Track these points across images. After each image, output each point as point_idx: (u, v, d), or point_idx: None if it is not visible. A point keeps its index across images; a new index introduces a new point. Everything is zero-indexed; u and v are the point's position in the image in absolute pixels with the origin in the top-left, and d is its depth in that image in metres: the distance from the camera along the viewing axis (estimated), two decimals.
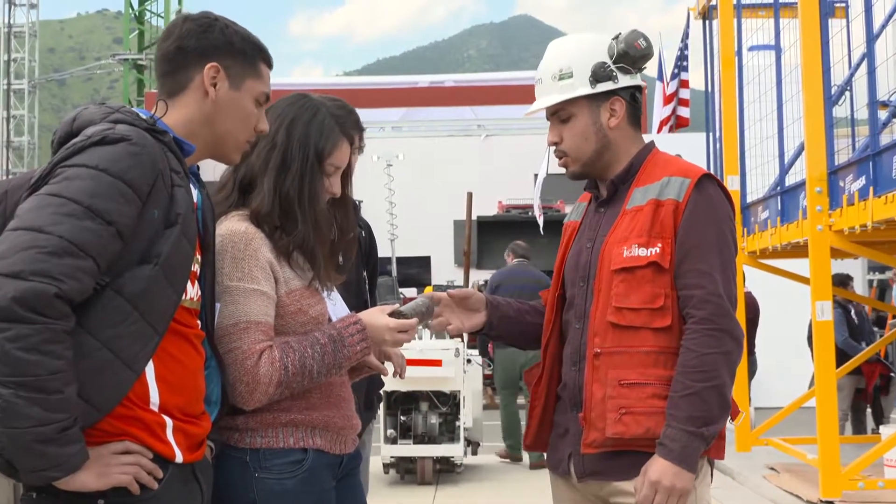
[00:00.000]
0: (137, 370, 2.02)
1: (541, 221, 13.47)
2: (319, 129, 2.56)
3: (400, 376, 2.87)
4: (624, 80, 2.69)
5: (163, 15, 28.85)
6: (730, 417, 2.63)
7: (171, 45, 2.26)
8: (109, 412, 1.99)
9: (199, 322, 2.26)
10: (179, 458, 2.11)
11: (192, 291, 2.20)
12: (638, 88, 2.75)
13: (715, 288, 2.52)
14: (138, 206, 2.01)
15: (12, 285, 1.83)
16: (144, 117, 2.16)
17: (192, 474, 2.18)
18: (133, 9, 28.77)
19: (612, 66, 2.68)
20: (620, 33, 2.72)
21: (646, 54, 2.69)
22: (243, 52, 2.30)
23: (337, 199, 2.63)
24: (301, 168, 2.52)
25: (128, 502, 2.01)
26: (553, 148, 2.79)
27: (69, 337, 1.89)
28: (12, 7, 29.25)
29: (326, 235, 2.57)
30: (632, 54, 2.67)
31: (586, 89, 2.68)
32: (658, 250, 2.55)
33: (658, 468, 2.45)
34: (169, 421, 2.10)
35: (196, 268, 2.21)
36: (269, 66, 2.39)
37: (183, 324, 2.16)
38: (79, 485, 1.94)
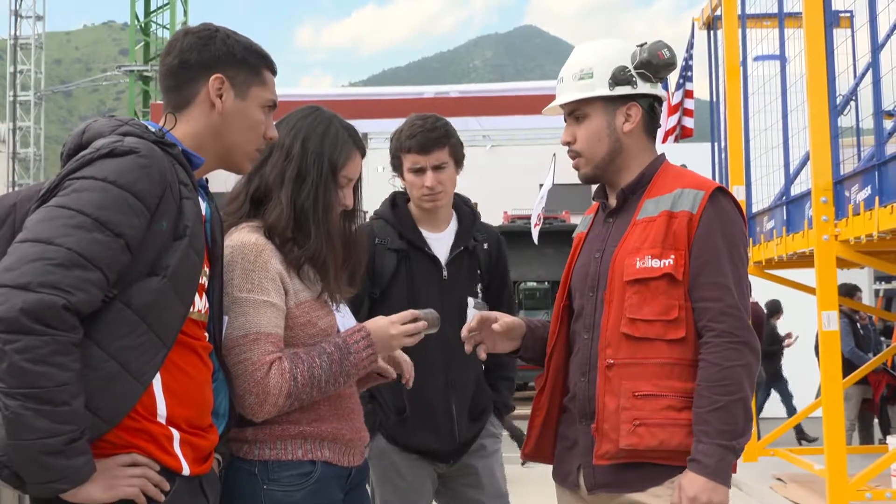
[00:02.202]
0: (145, 382, 2.02)
1: (535, 232, 13.47)
2: (334, 142, 2.58)
3: (406, 384, 2.87)
4: (643, 88, 2.70)
5: (168, 26, 28.91)
6: None
7: (174, 59, 2.27)
8: (117, 424, 1.99)
9: (206, 334, 2.26)
10: (186, 470, 2.11)
11: (200, 304, 2.21)
12: (657, 99, 2.75)
13: (733, 301, 2.51)
14: (146, 218, 2.01)
15: (20, 297, 1.83)
16: (153, 130, 2.16)
17: (199, 487, 2.18)
18: (139, 20, 28.83)
19: (633, 72, 2.69)
20: (646, 42, 2.72)
21: (669, 64, 2.70)
22: (246, 62, 2.31)
23: (348, 211, 2.64)
24: (316, 180, 2.54)
25: None
26: (566, 149, 2.80)
27: (77, 349, 1.89)
28: (19, 19, 29.33)
29: (338, 248, 2.57)
30: (654, 63, 2.68)
31: (604, 90, 2.69)
32: (672, 262, 2.54)
33: (695, 485, 2.43)
34: (176, 433, 2.10)
35: (204, 280, 2.22)
36: (274, 72, 2.39)
37: (191, 336, 2.16)
38: (86, 497, 1.94)
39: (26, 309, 1.83)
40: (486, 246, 3.63)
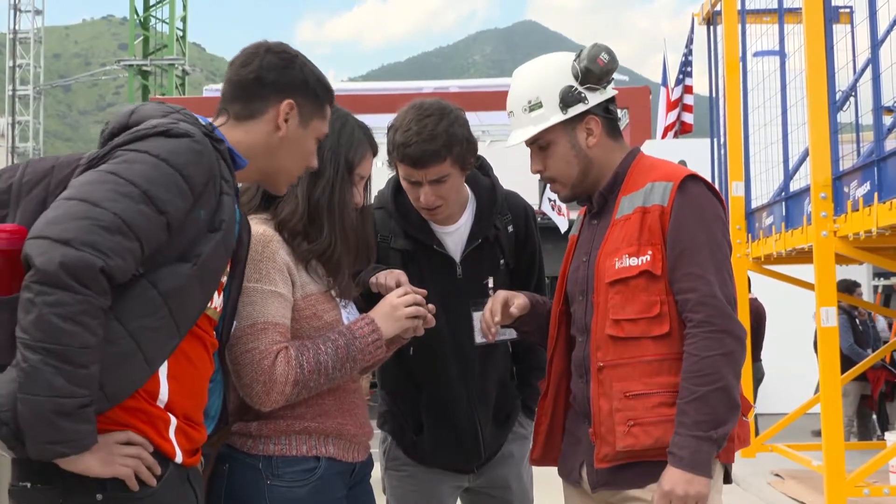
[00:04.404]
0: (154, 367, 2.01)
1: (563, 221, 13.26)
2: (349, 141, 2.61)
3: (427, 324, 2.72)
4: (594, 99, 2.67)
5: (167, 21, 28.94)
6: (742, 414, 2.62)
7: (250, 73, 2.30)
8: (118, 403, 1.98)
9: (215, 332, 2.27)
10: (179, 458, 2.10)
11: (217, 301, 2.21)
12: (610, 100, 2.72)
13: (710, 289, 2.49)
14: (190, 202, 2.02)
15: (61, 251, 1.81)
16: (203, 123, 2.18)
17: (187, 478, 2.16)
18: (138, 15, 28.87)
19: (580, 88, 2.65)
20: (582, 51, 2.69)
21: (610, 69, 2.66)
22: (315, 93, 2.36)
23: (358, 209, 2.65)
24: (333, 177, 2.56)
25: (126, 497, 1.99)
26: (538, 175, 2.78)
27: (104, 315, 1.87)
28: (18, 13, 29.30)
29: (352, 246, 2.60)
30: (595, 72, 2.64)
31: (559, 116, 2.66)
32: (649, 258, 2.54)
33: (670, 478, 2.43)
34: (173, 419, 2.10)
35: (224, 278, 2.23)
36: (332, 106, 2.45)
37: (202, 330, 2.17)
38: (84, 468, 1.92)
39: (66, 263, 1.80)
40: (510, 229, 3.18)
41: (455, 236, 3.12)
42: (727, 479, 2.67)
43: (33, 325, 1.79)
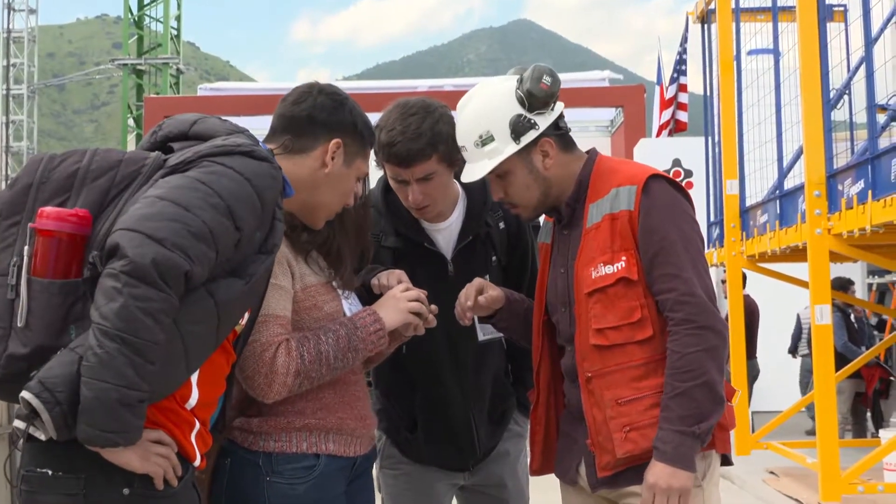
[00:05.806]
0: (191, 372, 2.07)
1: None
2: None
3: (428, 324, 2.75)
4: (544, 122, 2.64)
5: (162, 20, 28.88)
6: (727, 399, 2.63)
7: (303, 111, 2.45)
8: (154, 403, 2.01)
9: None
10: (198, 461, 2.16)
11: (245, 319, 2.27)
12: (559, 116, 2.69)
13: (688, 287, 2.51)
14: (258, 223, 2.10)
15: (154, 248, 1.88)
16: (263, 148, 2.24)
17: (193, 483, 2.20)
18: (132, 14, 28.79)
19: (528, 115, 2.61)
20: (522, 75, 2.63)
21: (553, 91, 2.61)
22: (361, 135, 2.51)
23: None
24: None
25: (150, 495, 2.03)
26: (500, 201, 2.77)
27: (173, 317, 1.93)
28: (11, 12, 29.21)
29: (352, 238, 2.65)
30: (540, 97, 2.60)
31: (512, 148, 2.62)
32: (623, 264, 2.54)
33: (654, 471, 2.47)
34: (197, 424, 2.15)
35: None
36: (374, 148, 2.60)
37: (229, 343, 2.22)
38: (124, 461, 1.97)
39: (158, 261, 1.87)
40: (501, 225, 3.17)
41: (446, 233, 3.11)
42: (726, 461, 2.70)
43: (116, 314, 1.84)
